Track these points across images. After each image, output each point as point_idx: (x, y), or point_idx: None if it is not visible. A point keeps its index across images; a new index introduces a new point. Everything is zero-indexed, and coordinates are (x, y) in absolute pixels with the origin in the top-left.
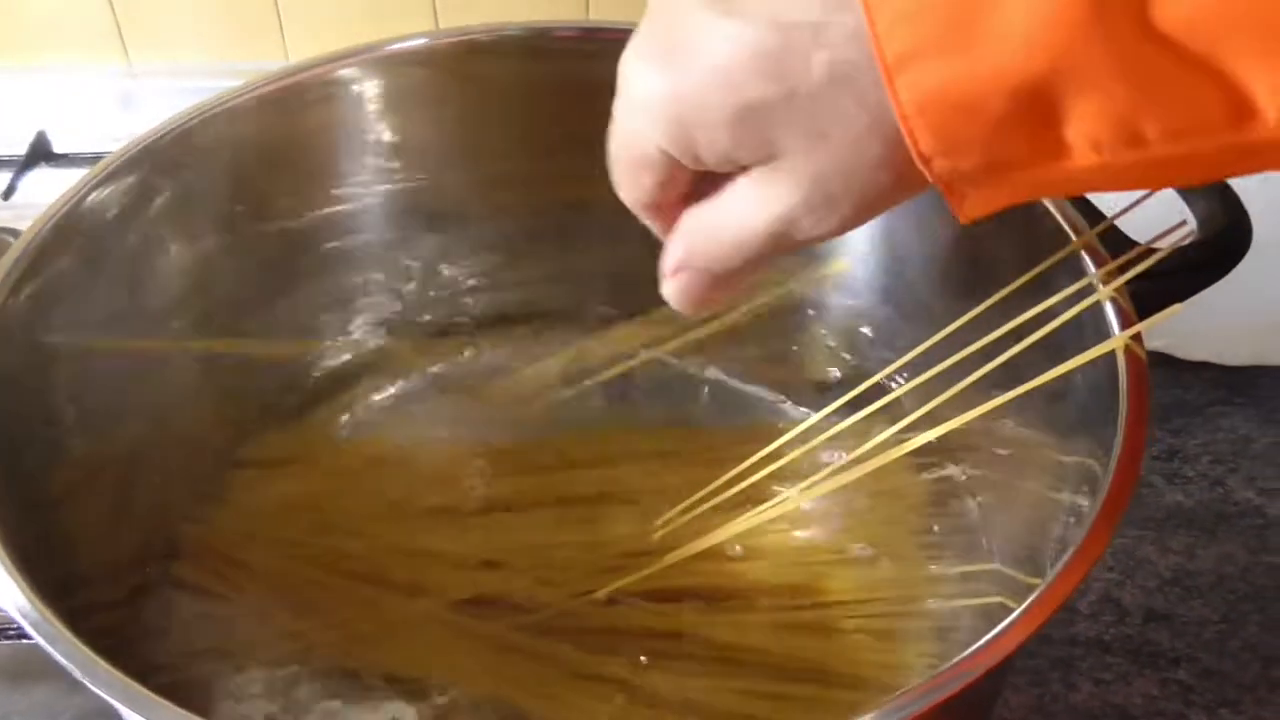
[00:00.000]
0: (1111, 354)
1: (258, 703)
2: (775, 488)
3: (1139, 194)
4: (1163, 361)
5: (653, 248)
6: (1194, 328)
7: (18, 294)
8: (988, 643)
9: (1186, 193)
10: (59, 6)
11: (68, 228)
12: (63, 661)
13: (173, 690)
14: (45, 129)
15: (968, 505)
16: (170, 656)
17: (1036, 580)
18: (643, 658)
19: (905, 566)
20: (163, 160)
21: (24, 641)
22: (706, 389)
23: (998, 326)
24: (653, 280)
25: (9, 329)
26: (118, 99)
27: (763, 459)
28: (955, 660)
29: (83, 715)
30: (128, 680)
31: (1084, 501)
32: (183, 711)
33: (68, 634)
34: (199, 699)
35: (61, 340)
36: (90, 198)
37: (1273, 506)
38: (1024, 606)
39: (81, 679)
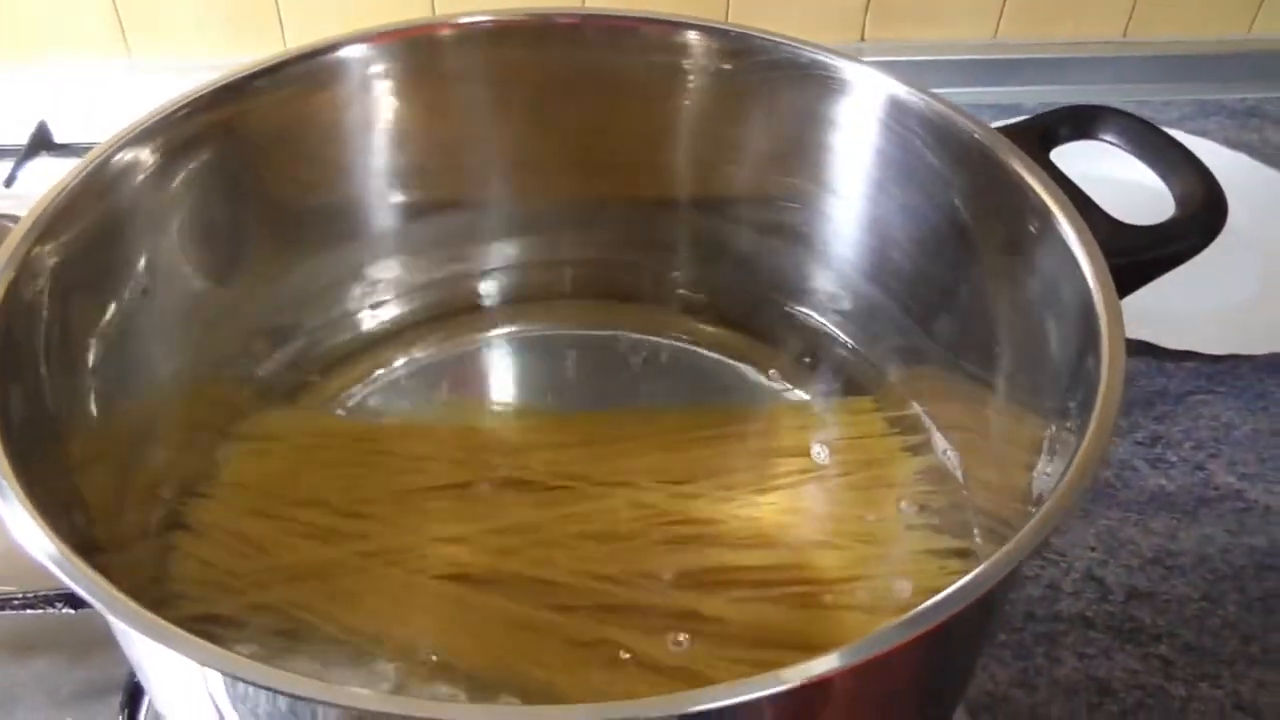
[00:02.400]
0: (1093, 331)
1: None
2: (773, 466)
3: None
4: (1146, 351)
5: (652, 233)
6: (1177, 318)
7: (38, 261)
8: (953, 593)
9: (1164, 170)
10: None
11: (82, 196)
12: (95, 602)
13: None
14: (46, 119)
15: (955, 484)
16: (171, 621)
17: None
18: (638, 629)
19: (894, 545)
20: (174, 135)
21: (28, 612)
22: (701, 371)
23: (980, 305)
24: (650, 264)
25: (34, 300)
26: (119, 91)
27: (760, 438)
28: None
29: (83, 687)
30: (150, 615)
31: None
32: (206, 644)
33: (96, 575)
34: None
35: (81, 309)
36: (105, 168)
37: (1253, 490)
38: (992, 559)
39: (111, 616)
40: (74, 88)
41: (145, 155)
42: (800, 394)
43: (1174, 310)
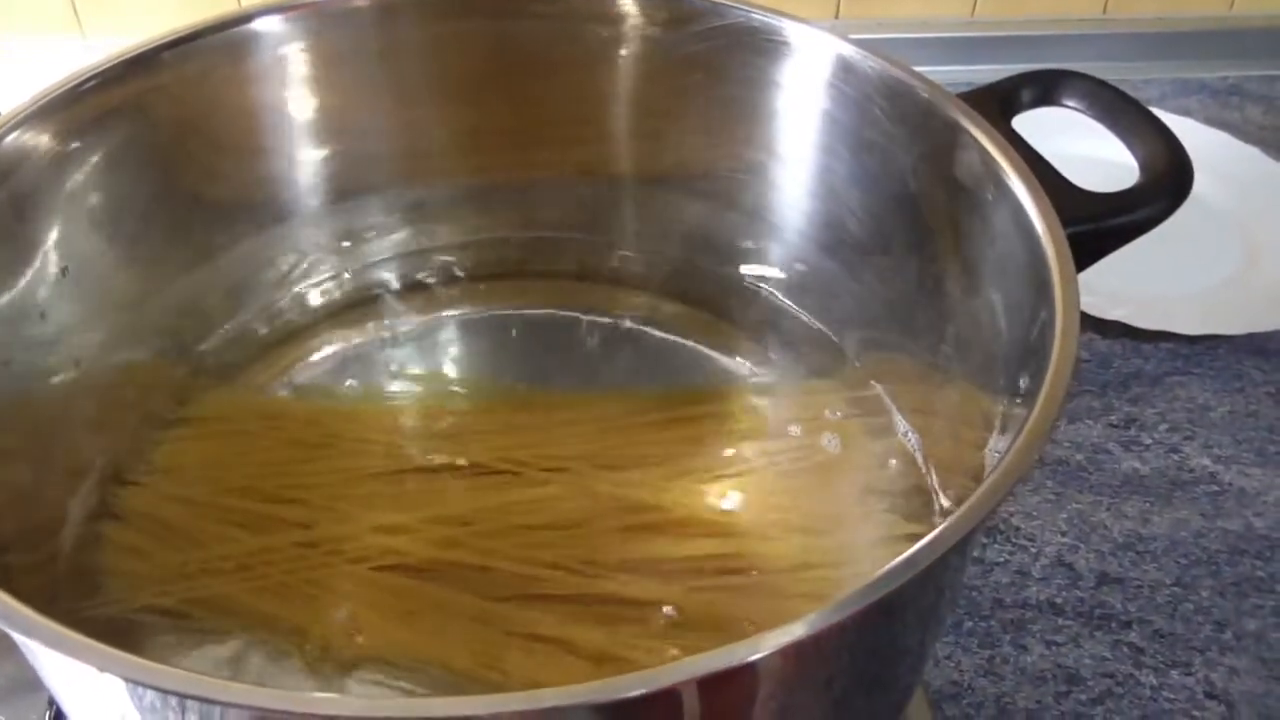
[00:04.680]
0: (1047, 298)
1: (184, 659)
2: (726, 450)
3: None
4: (1122, 331)
5: (597, 208)
6: (1154, 298)
7: None
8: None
9: (1128, 136)
10: None
11: None
12: None
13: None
14: None
15: (915, 467)
16: (97, 613)
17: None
18: (585, 621)
19: (851, 531)
20: (81, 112)
21: None
22: (649, 348)
23: (936, 276)
24: (596, 240)
25: None
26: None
27: (712, 420)
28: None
29: (11, 683)
30: (48, 621)
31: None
32: (107, 647)
33: None
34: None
35: None
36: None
37: (1228, 473)
38: (930, 536)
39: (3, 627)
40: (26, 68)
41: (51, 131)
42: (758, 374)
43: (1151, 290)
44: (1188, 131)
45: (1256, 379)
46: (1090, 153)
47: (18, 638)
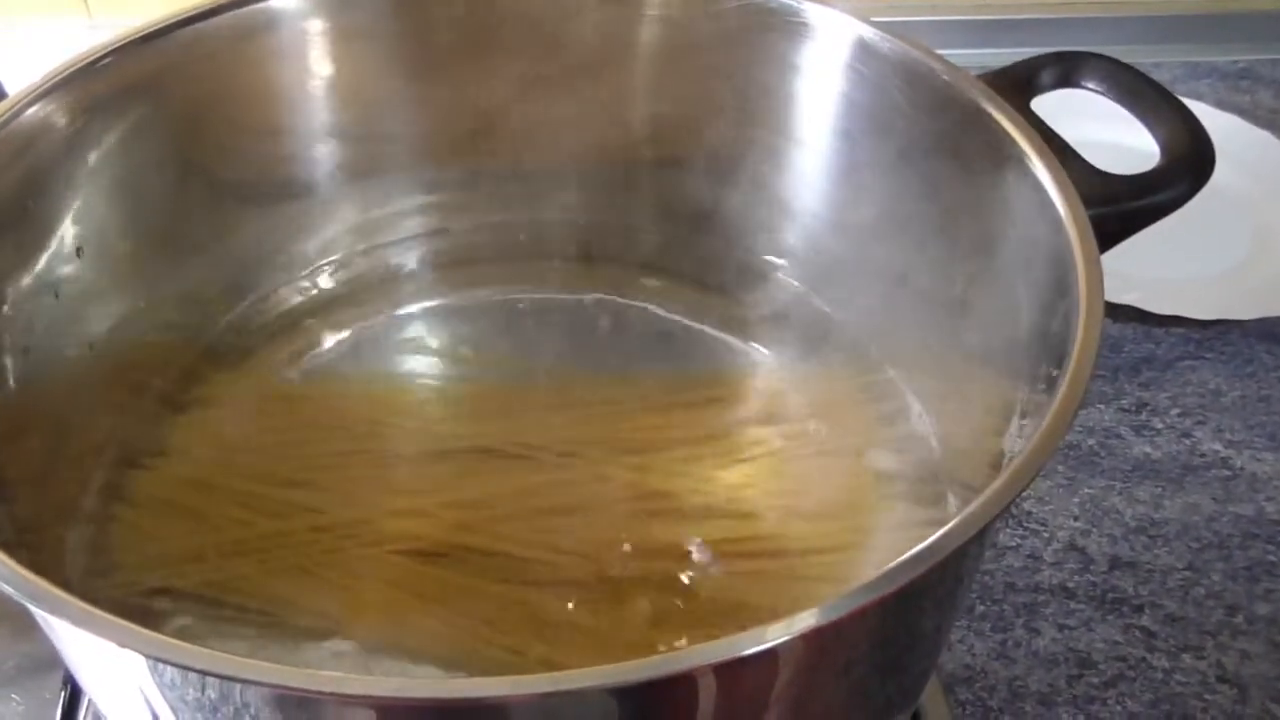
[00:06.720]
0: (1069, 283)
1: (196, 642)
2: (739, 434)
3: None
4: (1134, 315)
5: (612, 190)
6: (1166, 282)
7: None
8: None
9: (1149, 118)
10: None
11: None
12: (9, 589)
13: None
14: (2, 81)
15: (930, 452)
16: (109, 595)
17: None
18: (601, 605)
19: (866, 516)
20: (96, 90)
21: None
22: (663, 332)
23: (956, 259)
24: (611, 223)
25: None
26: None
27: (725, 405)
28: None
29: (28, 663)
30: (58, 592)
31: None
32: (130, 625)
33: (11, 562)
34: None
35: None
36: (16, 123)
37: (1240, 458)
38: (954, 522)
39: (28, 603)
40: (32, 49)
41: (66, 108)
42: (772, 358)
43: (1163, 274)
44: (1198, 115)
45: (1268, 364)
46: (1094, 136)
47: (41, 615)
